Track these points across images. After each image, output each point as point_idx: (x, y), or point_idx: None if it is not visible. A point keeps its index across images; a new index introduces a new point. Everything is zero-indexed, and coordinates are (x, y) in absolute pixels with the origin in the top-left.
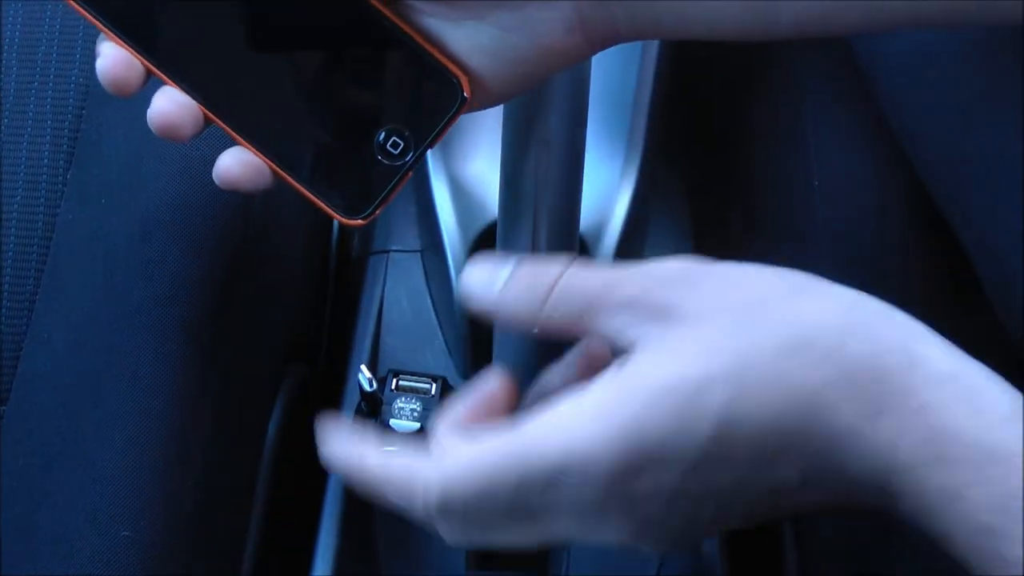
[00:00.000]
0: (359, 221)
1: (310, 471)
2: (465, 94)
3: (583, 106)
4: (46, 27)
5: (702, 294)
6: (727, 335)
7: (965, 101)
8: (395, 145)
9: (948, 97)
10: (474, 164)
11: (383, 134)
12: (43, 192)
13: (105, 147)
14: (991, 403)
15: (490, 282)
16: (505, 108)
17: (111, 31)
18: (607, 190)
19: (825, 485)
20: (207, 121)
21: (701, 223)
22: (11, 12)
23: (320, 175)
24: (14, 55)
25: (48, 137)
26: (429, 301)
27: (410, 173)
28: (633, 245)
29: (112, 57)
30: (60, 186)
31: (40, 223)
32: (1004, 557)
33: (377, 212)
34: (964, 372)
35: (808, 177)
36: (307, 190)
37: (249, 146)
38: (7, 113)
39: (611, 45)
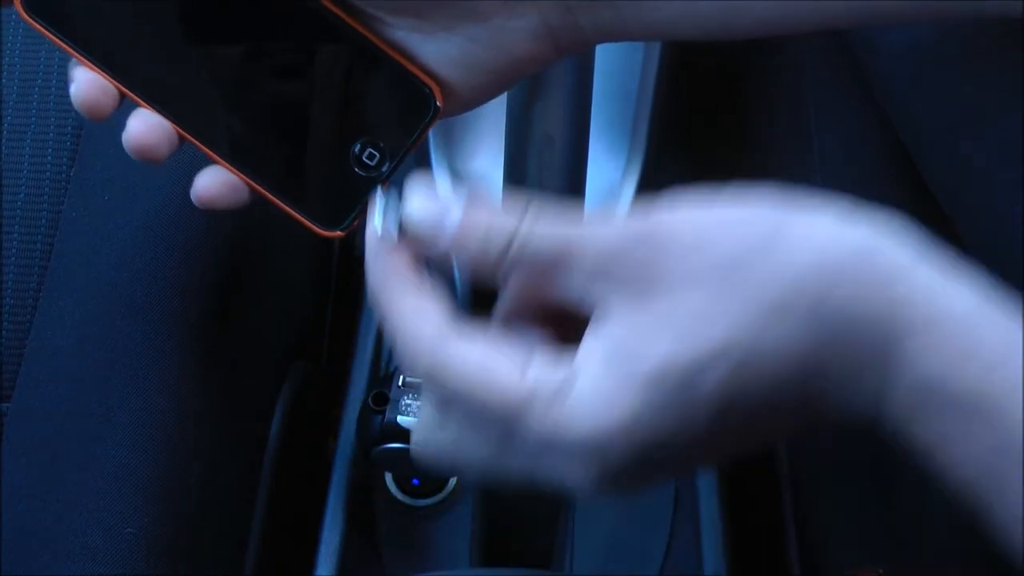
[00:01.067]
0: (338, 233)
1: (313, 468)
2: (438, 103)
3: (586, 102)
4: None
5: (672, 260)
6: (706, 311)
7: (966, 100)
8: (371, 156)
9: (949, 96)
10: (477, 161)
11: (358, 146)
12: (47, 190)
13: (108, 144)
14: (979, 347)
15: (437, 225)
16: (508, 105)
17: (82, 56)
18: (610, 186)
19: (821, 425)
20: (183, 140)
21: None
22: (14, 11)
23: (297, 190)
24: (17, 53)
25: (52, 135)
26: None
27: (387, 183)
28: None
29: (85, 82)
30: (64, 183)
31: (44, 221)
32: (991, 510)
33: (356, 223)
34: (950, 314)
35: (811, 177)
36: (285, 205)
37: (226, 164)
38: (10, 110)
39: (579, 50)
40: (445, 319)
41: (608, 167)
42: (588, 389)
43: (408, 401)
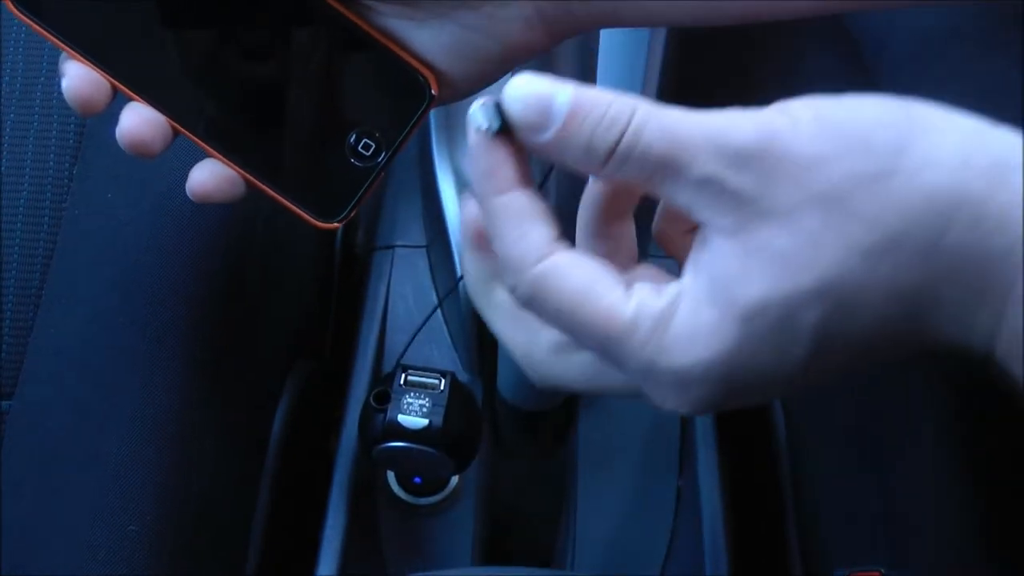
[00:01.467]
0: (334, 224)
1: (315, 466)
2: (433, 92)
3: None
4: None
5: (779, 184)
6: (811, 242)
7: (970, 93)
8: (366, 147)
9: (953, 89)
10: None
11: (354, 136)
12: (49, 188)
13: (111, 143)
14: None
15: (542, 115)
16: None
17: (73, 50)
18: None
19: (931, 352)
20: (176, 134)
21: None
22: None
23: (294, 181)
24: (20, 51)
25: (54, 133)
26: (435, 296)
27: (383, 174)
28: (641, 238)
29: (77, 77)
30: (66, 182)
31: (46, 219)
32: None
33: (352, 214)
34: None
35: None
36: (281, 197)
37: (221, 157)
38: (13, 110)
39: (572, 35)
40: (551, 230)
41: None
42: (688, 320)
43: (410, 400)
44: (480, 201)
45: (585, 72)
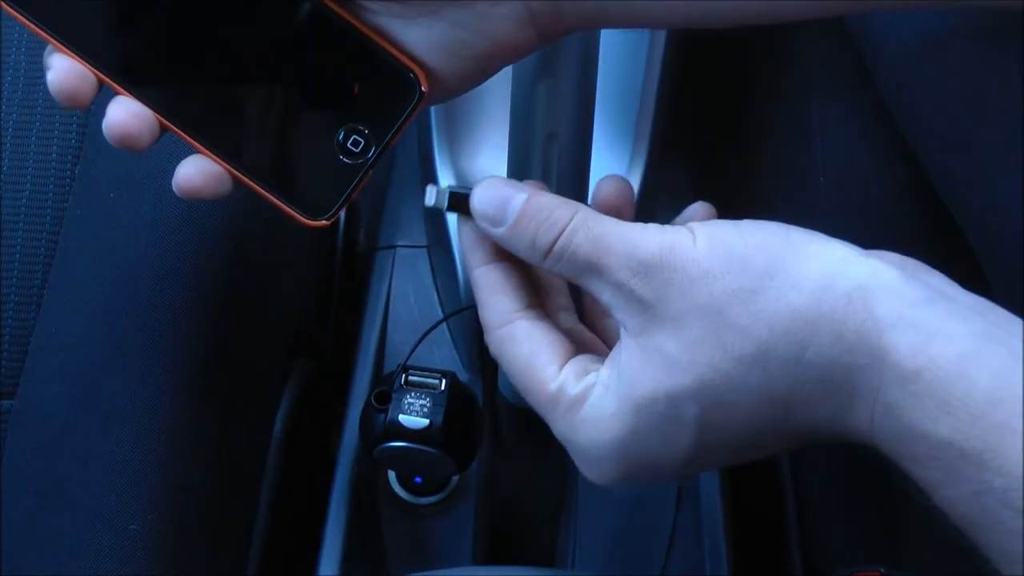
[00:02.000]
0: (323, 222)
1: (317, 465)
2: (423, 88)
3: (590, 100)
4: None
5: (672, 294)
6: (692, 348)
7: (970, 94)
8: (355, 144)
9: (952, 90)
10: (481, 159)
11: (343, 133)
12: (51, 187)
13: None
14: (967, 395)
15: (498, 217)
16: (512, 102)
17: (60, 43)
18: None
19: (822, 442)
20: (164, 129)
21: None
22: None
23: (282, 178)
24: (23, 51)
25: (56, 133)
26: (436, 296)
27: (371, 171)
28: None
29: (63, 70)
30: (68, 181)
31: (48, 218)
32: (987, 546)
33: (341, 212)
34: (940, 363)
35: (814, 172)
36: (270, 194)
37: (208, 153)
38: (16, 109)
39: (562, 35)
40: (515, 302)
41: (612, 165)
42: (596, 405)
43: (411, 400)
44: (467, 268)
45: (587, 72)
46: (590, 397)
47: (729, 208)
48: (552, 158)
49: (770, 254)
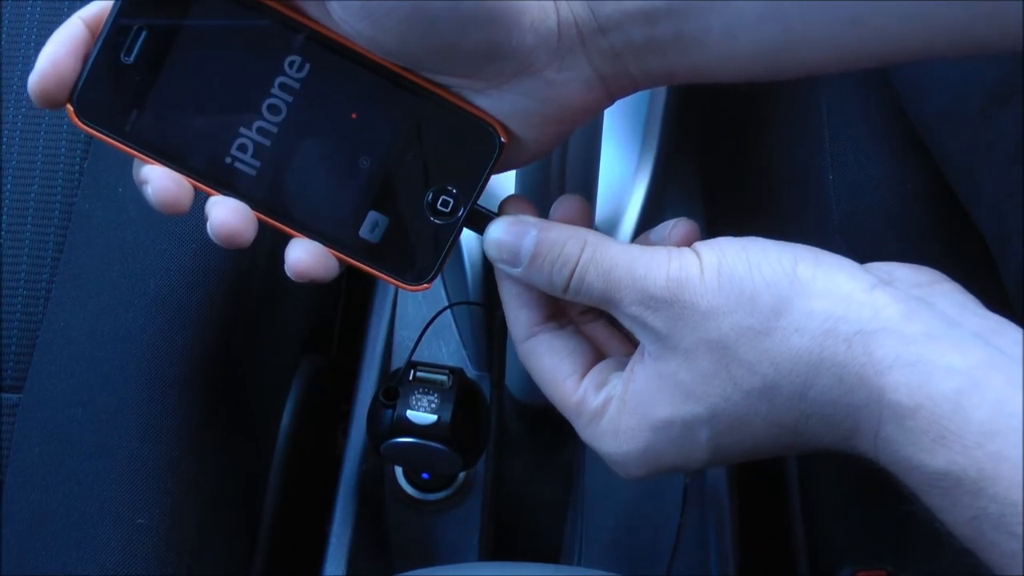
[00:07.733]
0: (424, 286)
1: (323, 461)
2: (502, 139)
3: None
4: (64, 20)
5: (683, 327)
6: (704, 379)
7: (985, 90)
8: (445, 204)
9: (967, 86)
10: None
11: (431, 194)
12: (60, 182)
13: None
14: (963, 427)
15: (512, 260)
16: None
17: (149, 157)
18: (623, 182)
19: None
20: (264, 224)
21: (716, 215)
22: (30, 4)
23: (383, 251)
24: (32, 46)
25: (65, 127)
26: (444, 292)
27: (462, 227)
28: None
29: (162, 181)
30: (77, 176)
31: (56, 213)
32: (989, 567)
33: (440, 272)
34: (929, 402)
35: (822, 171)
36: (374, 269)
37: (312, 239)
38: (25, 104)
39: (630, 93)
40: (537, 315)
41: (621, 162)
42: (614, 419)
43: (418, 396)
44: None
45: None
46: (609, 411)
47: (737, 209)
48: (560, 156)
49: (777, 293)
